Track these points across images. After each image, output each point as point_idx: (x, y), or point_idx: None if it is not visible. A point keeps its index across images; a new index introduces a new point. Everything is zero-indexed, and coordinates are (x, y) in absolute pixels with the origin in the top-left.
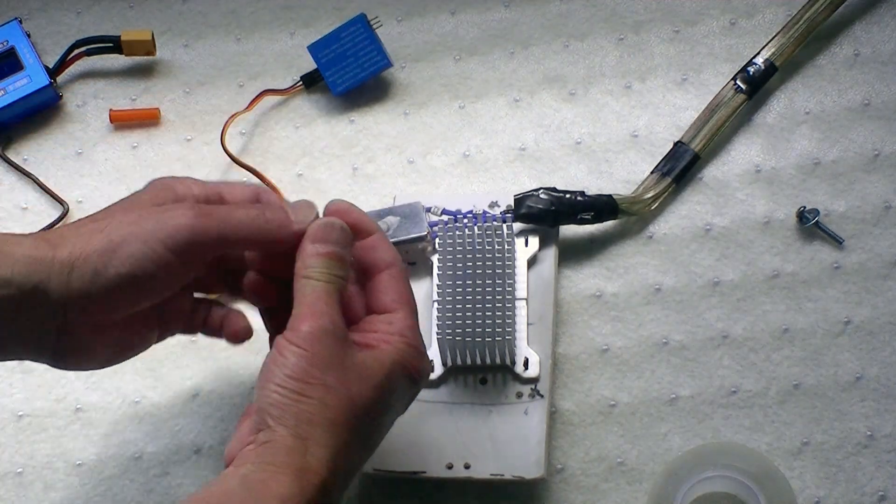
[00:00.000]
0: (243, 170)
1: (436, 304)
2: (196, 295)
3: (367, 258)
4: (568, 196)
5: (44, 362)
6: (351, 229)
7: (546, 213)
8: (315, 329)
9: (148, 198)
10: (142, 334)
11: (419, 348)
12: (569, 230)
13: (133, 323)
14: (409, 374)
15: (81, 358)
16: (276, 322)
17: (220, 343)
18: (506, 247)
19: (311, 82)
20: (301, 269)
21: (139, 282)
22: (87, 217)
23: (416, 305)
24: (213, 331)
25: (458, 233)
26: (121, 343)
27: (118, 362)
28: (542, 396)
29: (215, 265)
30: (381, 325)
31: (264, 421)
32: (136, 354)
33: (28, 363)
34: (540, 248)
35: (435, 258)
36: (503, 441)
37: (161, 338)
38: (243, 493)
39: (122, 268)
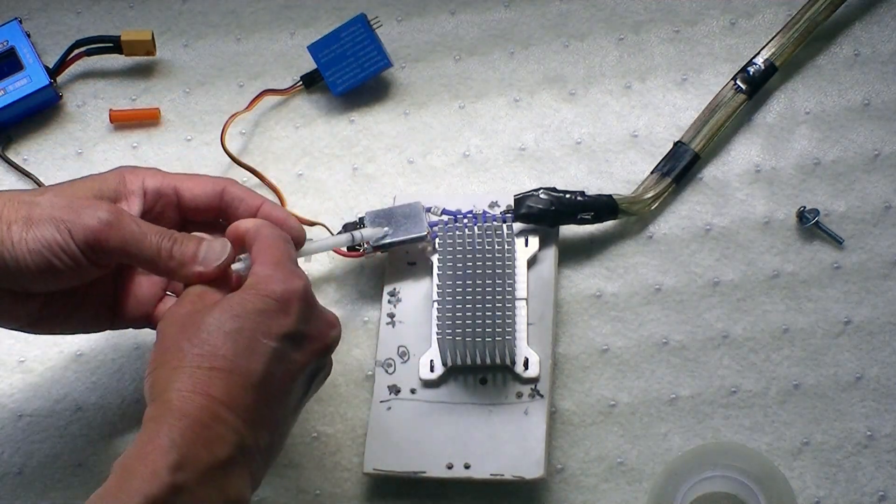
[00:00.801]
0: (243, 170)
1: (436, 304)
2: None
3: (248, 240)
4: (568, 196)
5: None
6: (239, 238)
7: (546, 213)
8: (176, 315)
9: (95, 185)
10: (66, 314)
11: (267, 274)
12: (569, 230)
13: (54, 301)
14: (257, 296)
15: (4, 319)
16: None
17: None
18: (506, 247)
19: (311, 82)
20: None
21: (46, 263)
22: (32, 189)
23: (273, 244)
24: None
25: (458, 233)
26: (44, 316)
27: (50, 333)
28: (542, 396)
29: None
30: None
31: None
32: (78, 331)
33: (29, 364)
34: (540, 248)
35: (435, 258)
36: (503, 441)
37: (116, 325)
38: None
39: (33, 244)
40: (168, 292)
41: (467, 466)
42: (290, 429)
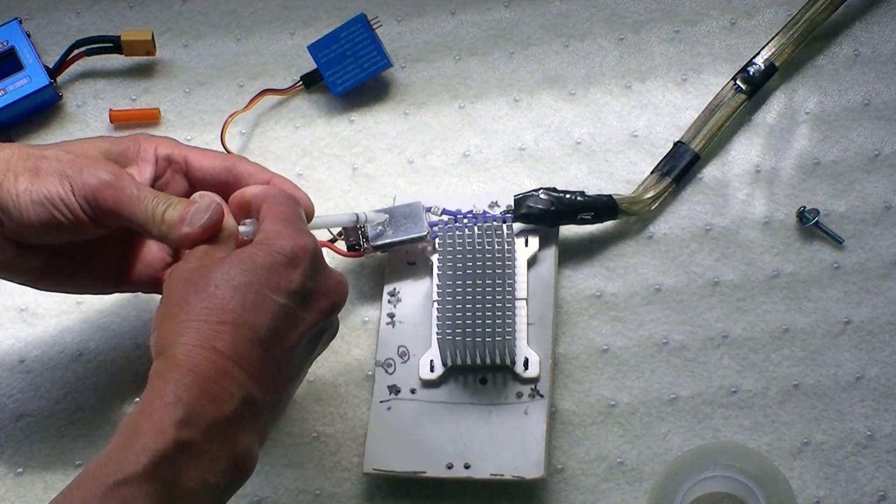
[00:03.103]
0: None
1: (436, 304)
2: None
3: (257, 213)
4: (568, 196)
5: None
6: (244, 203)
7: (546, 213)
8: (182, 271)
9: (105, 146)
10: (71, 271)
11: (276, 231)
12: (569, 230)
13: (58, 256)
14: (266, 252)
15: (7, 271)
16: None
17: None
18: (506, 247)
19: (311, 82)
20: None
21: (48, 215)
22: (43, 144)
23: (282, 205)
24: None
25: (458, 233)
26: (49, 271)
27: (56, 290)
28: (542, 396)
29: None
30: None
31: None
32: (84, 291)
33: (29, 363)
34: (540, 248)
35: (435, 258)
36: (503, 441)
37: (122, 288)
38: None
39: (36, 196)
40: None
41: (467, 466)
42: (296, 387)
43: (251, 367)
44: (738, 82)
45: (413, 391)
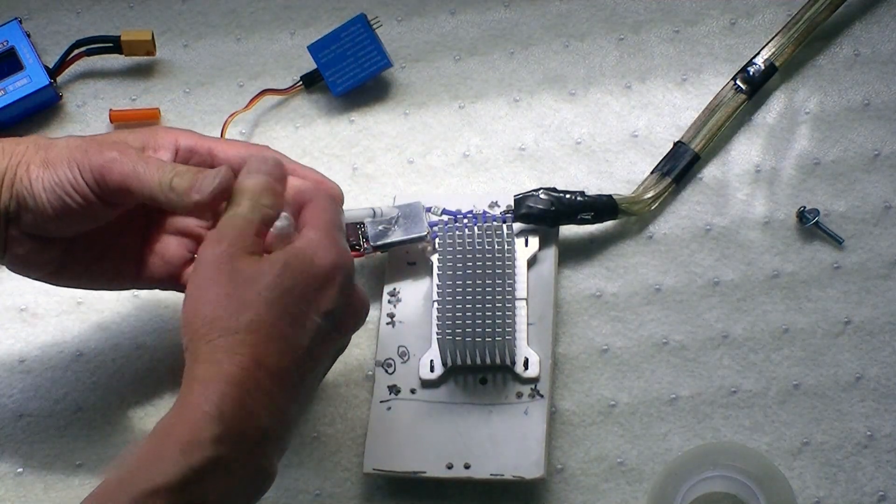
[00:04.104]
0: None
1: (436, 304)
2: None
3: (297, 208)
4: (568, 196)
5: (2, 265)
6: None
7: (546, 213)
8: (214, 254)
9: (122, 136)
10: (88, 264)
11: (321, 243)
12: (569, 230)
13: (74, 249)
14: (310, 265)
15: (25, 266)
16: None
17: None
18: (506, 247)
19: (311, 82)
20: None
21: (60, 202)
22: (62, 137)
23: (331, 215)
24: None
25: (458, 233)
26: (65, 264)
27: (73, 285)
28: (542, 396)
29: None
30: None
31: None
32: (101, 287)
33: (29, 363)
34: (540, 248)
35: (435, 258)
36: (503, 441)
37: (139, 284)
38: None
39: (48, 184)
40: (196, 256)
41: (467, 466)
42: (312, 402)
43: (288, 386)
44: (738, 82)
45: (413, 391)
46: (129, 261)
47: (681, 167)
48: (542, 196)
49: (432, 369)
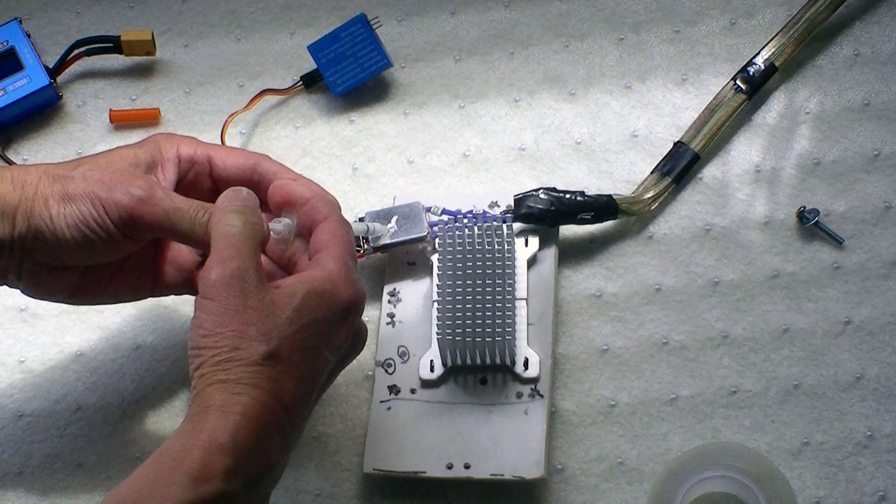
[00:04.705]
0: None
1: (436, 304)
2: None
3: (307, 219)
4: (568, 196)
5: (14, 288)
6: (287, 200)
7: (546, 213)
8: (222, 276)
9: (130, 155)
10: (104, 284)
11: (340, 276)
12: (569, 230)
13: (91, 273)
14: (329, 301)
15: (43, 292)
16: None
17: None
18: (506, 247)
19: (311, 82)
20: (213, 223)
21: (84, 238)
22: (65, 163)
23: (348, 245)
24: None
25: (458, 233)
26: (83, 287)
27: (92, 304)
28: (542, 396)
29: None
30: (309, 265)
31: (194, 388)
32: (119, 301)
33: (29, 364)
34: (540, 248)
35: (435, 258)
36: (503, 441)
37: (156, 293)
38: (167, 453)
39: (70, 220)
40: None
41: (467, 466)
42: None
43: (298, 420)
44: (738, 82)
45: (413, 391)
46: (145, 274)
47: (681, 167)
48: (542, 196)
49: (432, 369)
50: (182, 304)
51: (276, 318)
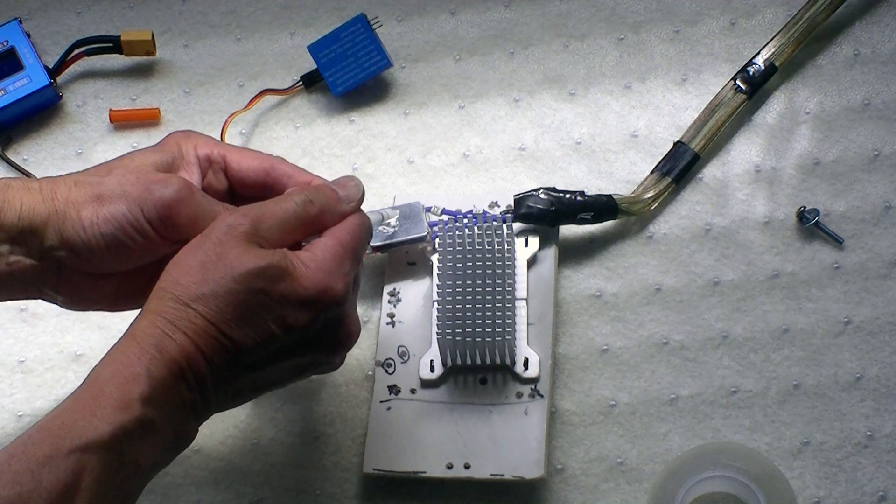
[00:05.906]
0: None
1: (436, 304)
2: None
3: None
4: (568, 196)
5: (54, 303)
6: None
7: (546, 213)
8: (222, 221)
9: (155, 157)
10: (143, 290)
11: (319, 265)
12: (569, 230)
13: (128, 280)
14: (293, 282)
15: (82, 303)
16: None
17: None
18: (506, 247)
19: (311, 82)
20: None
21: (118, 242)
22: (95, 166)
23: (350, 241)
24: None
25: (458, 233)
26: (122, 294)
27: (127, 309)
28: (542, 396)
29: None
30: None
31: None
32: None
33: (29, 364)
34: (540, 248)
35: (435, 258)
36: (503, 441)
37: None
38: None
39: (105, 226)
40: None
41: (467, 466)
42: (254, 397)
43: (219, 370)
44: (738, 82)
45: (413, 391)
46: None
47: (681, 167)
48: (542, 196)
49: (432, 369)
50: None
51: (230, 271)
